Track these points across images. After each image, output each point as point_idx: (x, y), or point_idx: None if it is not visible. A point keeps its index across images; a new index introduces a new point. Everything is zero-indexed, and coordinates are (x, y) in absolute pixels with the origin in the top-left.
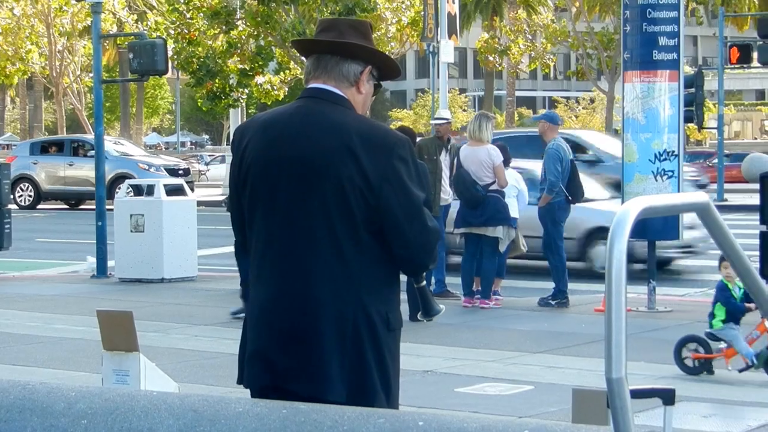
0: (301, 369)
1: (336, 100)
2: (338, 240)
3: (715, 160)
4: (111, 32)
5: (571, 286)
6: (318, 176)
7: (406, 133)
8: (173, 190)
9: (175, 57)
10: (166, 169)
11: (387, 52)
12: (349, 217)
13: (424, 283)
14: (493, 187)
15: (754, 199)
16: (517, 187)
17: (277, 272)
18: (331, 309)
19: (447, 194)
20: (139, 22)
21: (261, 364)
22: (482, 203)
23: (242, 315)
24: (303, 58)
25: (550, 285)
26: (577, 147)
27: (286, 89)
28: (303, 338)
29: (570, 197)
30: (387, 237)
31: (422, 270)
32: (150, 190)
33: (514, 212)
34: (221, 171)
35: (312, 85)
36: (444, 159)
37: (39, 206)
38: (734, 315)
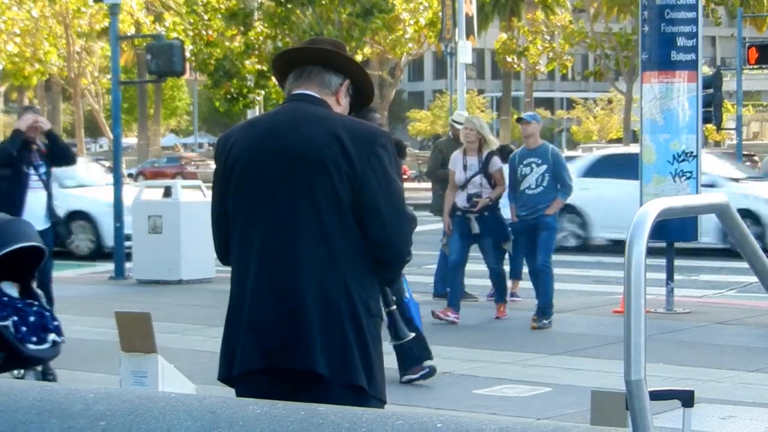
0: (289, 347)
1: (319, 103)
2: (324, 223)
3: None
4: (129, 33)
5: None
6: (304, 162)
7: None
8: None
9: (193, 58)
10: None
11: (405, 53)
12: (335, 200)
13: (395, 307)
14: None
15: None
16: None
17: (266, 259)
18: (316, 291)
19: None
20: (157, 23)
21: (253, 347)
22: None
23: None
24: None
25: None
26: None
27: None
28: (291, 319)
29: None
30: (366, 221)
31: (399, 259)
32: (168, 192)
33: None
34: None
35: (295, 91)
36: None
37: None
38: None
